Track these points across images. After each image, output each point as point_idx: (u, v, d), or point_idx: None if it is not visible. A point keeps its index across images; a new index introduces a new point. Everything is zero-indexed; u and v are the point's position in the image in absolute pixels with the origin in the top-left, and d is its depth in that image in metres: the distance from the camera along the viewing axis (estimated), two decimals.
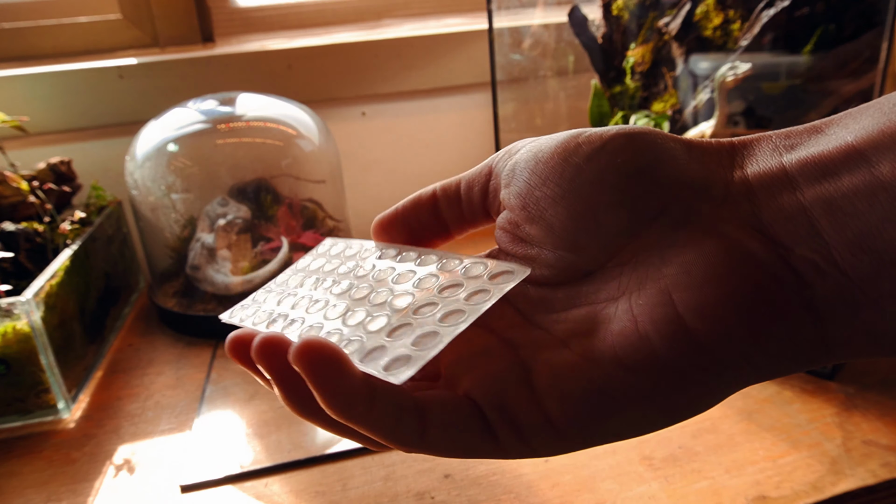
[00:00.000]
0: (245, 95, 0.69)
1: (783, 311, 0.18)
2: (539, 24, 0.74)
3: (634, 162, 0.20)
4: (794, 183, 0.18)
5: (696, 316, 0.18)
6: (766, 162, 0.19)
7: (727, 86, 0.54)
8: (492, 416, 0.19)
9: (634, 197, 0.20)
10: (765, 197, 0.19)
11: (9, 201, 0.62)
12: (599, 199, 0.20)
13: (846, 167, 0.17)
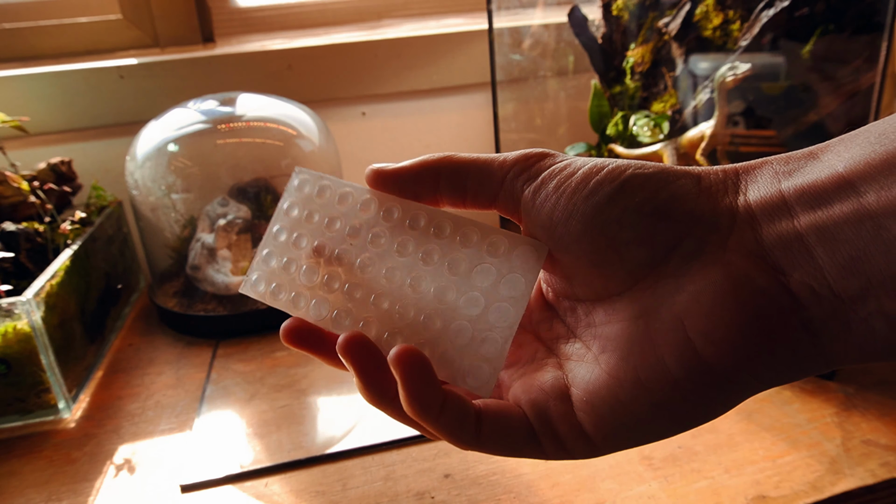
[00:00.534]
0: (245, 95, 0.69)
1: (782, 332, 0.20)
2: (539, 24, 0.74)
3: (651, 202, 0.22)
4: (792, 210, 0.20)
5: (705, 340, 0.20)
6: (767, 189, 0.21)
7: (727, 86, 0.54)
8: (537, 427, 0.23)
9: (652, 234, 0.22)
10: (766, 224, 0.21)
11: (9, 201, 0.62)
12: (622, 237, 0.22)
13: (837, 196, 0.19)
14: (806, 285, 0.20)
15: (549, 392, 0.24)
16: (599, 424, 0.22)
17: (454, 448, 0.46)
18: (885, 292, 0.19)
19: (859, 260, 0.19)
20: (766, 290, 0.20)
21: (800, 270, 0.20)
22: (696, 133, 0.58)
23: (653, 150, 0.63)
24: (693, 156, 0.58)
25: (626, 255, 0.22)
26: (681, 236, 0.21)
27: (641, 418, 0.22)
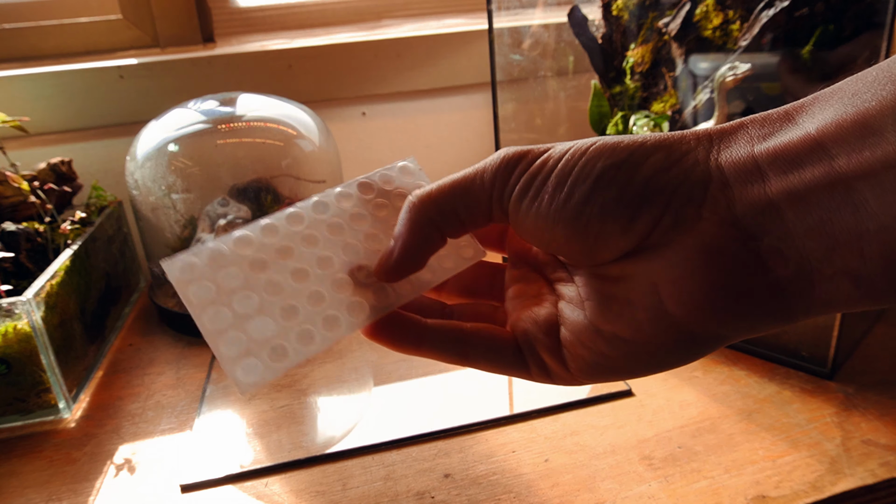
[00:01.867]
0: (245, 96, 0.69)
1: (749, 295, 0.21)
2: (539, 25, 0.74)
3: (627, 192, 0.22)
4: (764, 175, 0.21)
5: (676, 303, 0.22)
6: (740, 153, 0.21)
7: (727, 86, 0.54)
8: (525, 351, 0.27)
9: (634, 221, 0.22)
10: (738, 189, 0.21)
11: (9, 201, 0.62)
12: (606, 230, 0.23)
13: (809, 160, 0.20)
14: (775, 249, 0.20)
15: (541, 325, 0.26)
16: (580, 362, 0.25)
17: (454, 448, 0.46)
18: (850, 252, 0.19)
19: (829, 222, 0.19)
20: (735, 256, 0.21)
21: (769, 235, 0.20)
22: None
23: None
24: None
25: (612, 243, 0.23)
26: (659, 214, 0.22)
27: (616, 362, 0.24)
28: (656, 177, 0.22)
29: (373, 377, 0.56)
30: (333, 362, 0.58)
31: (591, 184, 0.23)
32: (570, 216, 0.23)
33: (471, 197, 0.25)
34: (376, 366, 0.57)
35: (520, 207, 0.24)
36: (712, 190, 0.21)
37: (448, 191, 0.26)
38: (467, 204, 0.25)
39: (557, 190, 0.23)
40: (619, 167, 0.23)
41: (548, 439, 0.46)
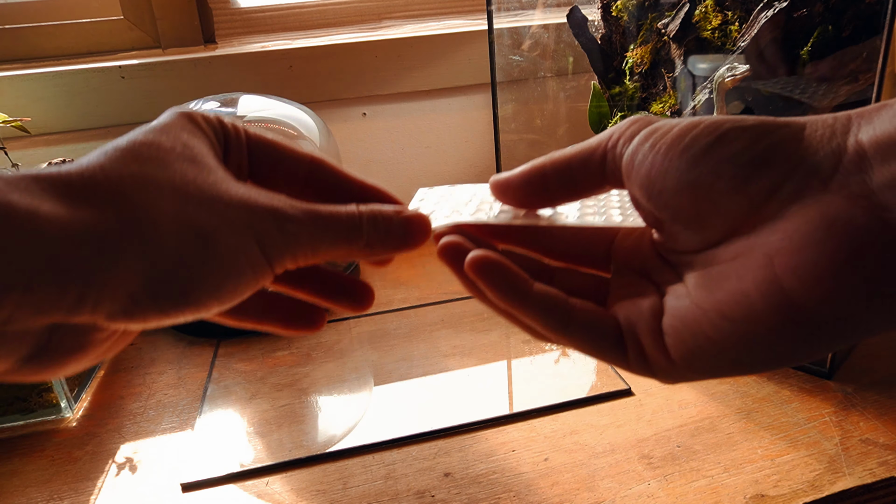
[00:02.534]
0: (246, 96, 0.69)
1: (881, 272, 0.19)
2: (539, 25, 0.74)
3: (749, 151, 0.21)
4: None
5: (793, 277, 0.20)
6: (884, 127, 0.20)
7: (726, 86, 0.54)
8: (627, 336, 0.24)
9: (749, 183, 0.21)
10: (878, 164, 0.19)
11: None
12: (718, 187, 0.21)
13: None
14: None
15: (644, 312, 0.24)
16: (682, 350, 0.23)
17: (454, 447, 0.46)
18: None
19: None
20: (865, 227, 0.19)
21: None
22: None
23: None
24: None
25: (723, 205, 0.21)
26: (779, 182, 0.21)
27: (721, 348, 0.22)
28: (784, 143, 0.21)
29: (373, 377, 0.56)
30: (334, 362, 0.58)
31: (714, 139, 0.21)
32: (685, 166, 0.22)
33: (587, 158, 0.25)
34: (376, 366, 0.57)
35: (637, 154, 0.23)
36: (845, 163, 0.20)
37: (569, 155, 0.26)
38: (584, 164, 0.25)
39: (677, 140, 0.22)
40: (747, 129, 0.21)
41: (547, 438, 0.46)
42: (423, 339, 0.61)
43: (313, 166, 0.29)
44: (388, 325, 0.64)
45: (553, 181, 0.26)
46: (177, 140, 0.24)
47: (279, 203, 0.25)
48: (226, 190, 0.24)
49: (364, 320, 0.65)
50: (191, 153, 0.24)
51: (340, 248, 0.26)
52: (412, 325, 0.63)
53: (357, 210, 0.26)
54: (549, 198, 0.27)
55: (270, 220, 0.24)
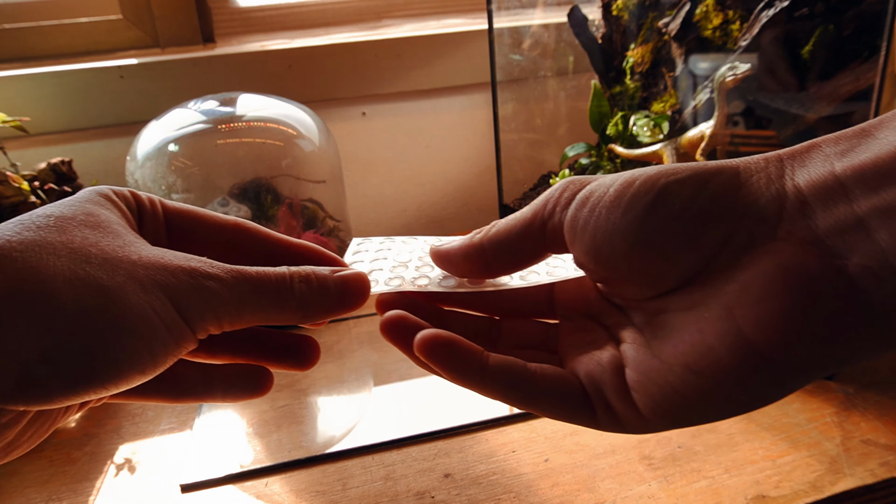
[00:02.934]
0: (245, 96, 0.69)
1: (839, 319, 0.19)
2: (539, 25, 0.74)
3: (692, 206, 0.21)
4: (849, 193, 0.19)
5: (756, 329, 0.20)
6: (818, 171, 0.20)
7: (727, 86, 0.54)
8: (593, 397, 0.24)
9: (699, 237, 0.21)
10: (820, 209, 0.20)
11: (10, 201, 0.62)
12: (669, 245, 0.21)
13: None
14: (866, 268, 0.19)
15: (606, 366, 0.24)
16: (651, 405, 0.22)
17: (454, 448, 0.46)
18: None
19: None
20: (820, 275, 0.19)
21: (859, 254, 0.19)
22: (696, 133, 0.58)
23: (653, 149, 0.63)
24: (693, 156, 0.58)
25: (676, 261, 0.22)
26: (728, 233, 0.21)
27: (693, 402, 0.22)
28: (725, 194, 0.21)
29: (373, 377, 0.56)
30: (333, 362, 0.58)
31: (654, 197, 0.21)
32: (632, 227, 0.22)
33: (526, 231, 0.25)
34: (376, 366, 0.57)
35: (577, 222, 0.23)
36: (788, 208, 0.20)
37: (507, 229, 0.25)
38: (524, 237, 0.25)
39: (616, 202, 0.22)
40: (683, 182, 0.21)
41: (548, 439, 0.46)
42: None
43: (237, 231, 0.28)
44: None
45: (492, 257, 0.26)
46: (80, 210, 0.23)
47: (196, 262, 0.23)
48: (134, 251, 0.22)
49: (364, 320, 0.65)
50: (94, 220, 0.23)
51: (271, 311, 0.24)
52: None
53: (287, 271, 0.25)
54: (490, 272, 0.26)
55: (185, 277, 0.22)
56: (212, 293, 0.22)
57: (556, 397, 0.24)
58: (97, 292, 0.20)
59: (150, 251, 0.23)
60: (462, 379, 0.24)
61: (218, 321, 0.23)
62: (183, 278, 0.22)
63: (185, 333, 0.22)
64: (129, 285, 0.21)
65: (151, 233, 0.26)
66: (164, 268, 0.22)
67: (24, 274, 0.19)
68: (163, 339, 0.21)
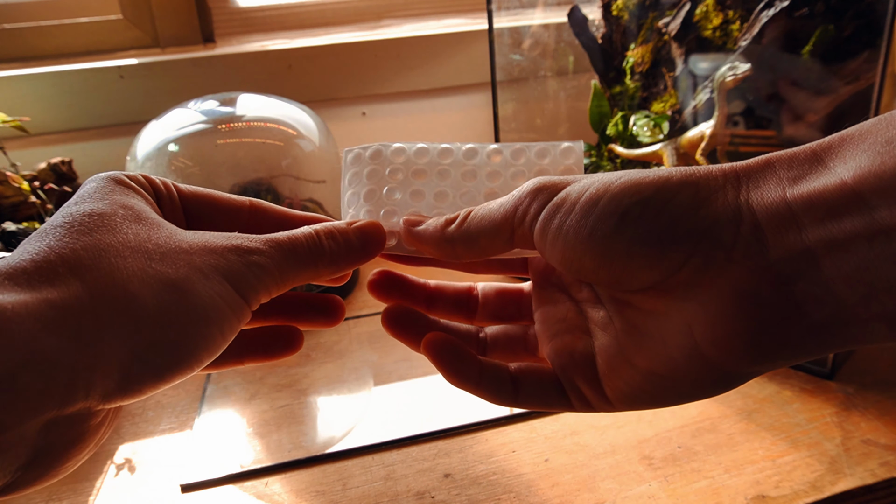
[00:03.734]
0: (245, 96, 0.69)
1: (785, 337, 0.21)
2: (539, 25, 0.74)
3: (654, 230, 0.22)
4: (799, 222, 0.21)
5: (710, 345, 0.22)
6: (771, 196, 0.21)
7: (727, 86, 0.54)
8: (566, 386, 0.27)
9: (661, 260, 0.22)
10: (772, 235, 0.21)
11: (10, 201, 0.62)
12: (633, 265, 0.23)
13: (847, 209, 0.20)
14: (810, 293, 0.20)
15: (578, 359, 0.27)
16: (618, 394, 0.26)
17: (454, 448, 0.46)
18: (888, 297, 0.19)
19: (867, 270, 0.19)
20: (769, 302, 0.21)
21: (805, 280, 0.20)
22: (696, 133, 0.58)
23: (653, 149, 0.63)
24: (693, 156, 0.58)
25: (640, 276, 0.23)
26: (688, 255, 0.22)
27: (652, 394, 0.25)
28: (685, 216, 0.22)
29: (373, 377, 0.56)
30: (333, 362, 0.58)
31: (617, 219, 0.23)
32: (597, 249, 0.23)
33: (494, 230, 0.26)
34: (376, 366, 0.57)
35: (546, 235, 0.24)
36: (743, 232, 0.21)
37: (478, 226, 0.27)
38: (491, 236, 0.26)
39: (583, 222, 0.23)
40: (646, 204, 0.23)
41: (548, 439, 0.46)
42: None
43: (254, 212, 0.29)
44: None
45: (462, 251, 0.27)
46: (115, 203, 0.24)
47: (237, 240, 0.25)
48: (181, 240, 0.24)
49: (364, 320, 0.65)
50: (134, 213, 0.24)
51: (307, 270, 0.26)
52: None
53: (313, 230, 0.27)
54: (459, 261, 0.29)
55: (233, 256, 0.24)
56: (259, 266, 0.24)
57: (539, 394, 0.28)
58: (169, 287, 0.22)
59: (194, 237, 0.24)
60: (460, 381, 0.27)
61: (267, 291, 0.25)
62: (232, 258, 0.24)
63: (244, 309, 0.24)
64: (192, 276, 0.23)
65: (171, 217, 0.27)
66: (214, 251, 0.24)
67: (103, 281, 0.21)
68: (229, 320, 0.23)
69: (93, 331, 0.20)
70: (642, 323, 0.24)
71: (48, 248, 0.21)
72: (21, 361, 0.18)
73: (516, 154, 0.31)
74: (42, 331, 0.19)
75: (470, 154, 0.31)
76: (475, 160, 0.31)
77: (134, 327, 0.21)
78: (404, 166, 0.31)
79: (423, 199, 0.30)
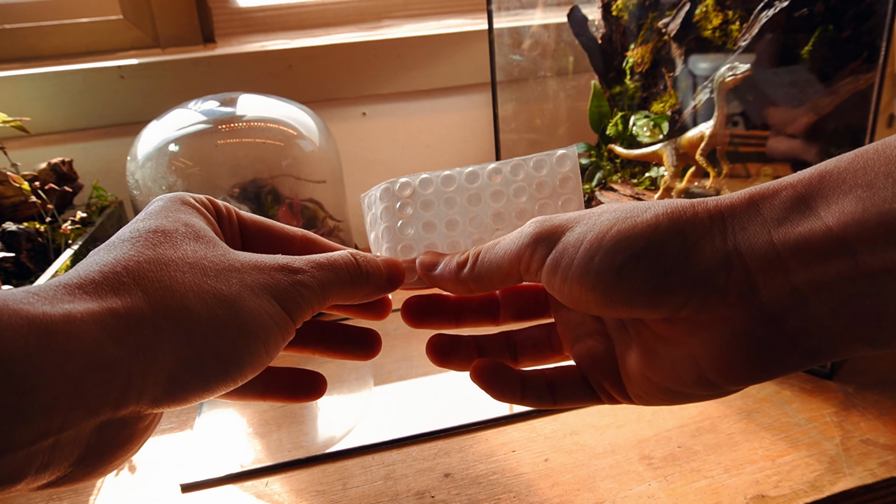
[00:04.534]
0: (246, 96, 0.69)
1: (779, 364, 0.24)
2: (539, 25, 0.74)
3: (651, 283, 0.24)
4: (787, 266, 0.22)
5: (715, 374, 0.25)
6: (759, 240, 0.23)
7: (726, 86, 0.54)
8: (595, 387, 0.31)
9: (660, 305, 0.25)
10: (761, 279, 0.23)
11: (10, 201, 0.62)
12: (633, 311, 0.25)
13: (832, 254, 0.22)
14: (800, 328, 0.23)
15: (601, 364, 0.30)
16: (636, 393, 0.29)
17: (454, 448, 0.46)
18: (868, 325, 0.22)
19: (851, 304, 0.22)
20: (764, 338, 0.23)
21: (794, 318, 0.23)
22: (696, 133, 0.58)
23: (652, 150, 0.63)
24: (693, 156, 0.59)
25: (644, 316, 0.26)
26: (685, 300, 0.24)
27: (667, 398, 0.28)
28: (676, 266, 0.24)
29: (373, 377, 0.56)
30: (333, 362, 0.58)
31: (614, 276, 0.25)
32: (601, 299, 0.25)
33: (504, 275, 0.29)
34: (376, 366, 0.57)
35: (552, 285, 0.27)
36: (734, 277, 0.23)
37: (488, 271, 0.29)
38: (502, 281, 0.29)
39: (584, 277, 0.25)
40: (639, 258, 0.24)
41: (548, 439, 0.46)
42: (423, 339, 0.60)
43: (305, 242, 0.32)
44: (388, 326, 0.64)
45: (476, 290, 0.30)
46: (178, 221, 0.26)
47: (284, 260, 0.27)
48: (235, 259, 0.26)
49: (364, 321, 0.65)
50: (193, 231, 0.26)
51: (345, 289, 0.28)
52: None
53: (350, 253, 0.29)
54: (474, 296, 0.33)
55: (280, 275, 0.26)
56: (303, 284, 0.26)
57: (573, 397, 0.31)
58: (222, 303, 0.24)
59: (246, 256, 0.26)
60: (505, 399, 0.31)
61: (311, 307, 0.27)
62: (279, 276, 0.26)
63: (290, 326, 0.26)
64: (244, 293, 0.25)
65: (229, 239, 0.29)
66: (263, 270, 0.26)
67: (162, 293, 0.22)
68: (275, 336, 0.25)
69: (150, 339, 0.21)
70: (654, 346, 0.27)
71: (115, 261, 0.23)
72: (85, 366, 0.20)
73: (515, 170, 0.33)
74: (106, 339, 0.20)
75: (472, 178, 0.33)
76: (477, 183, 0.33)
77: (187, 338, 0.22)
78: (412, 199, 0.32)
79: (436, 230, 0.32)
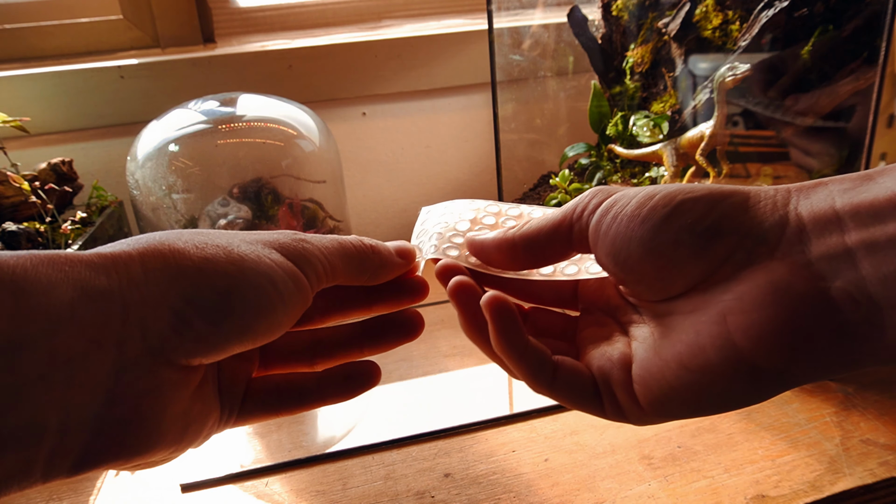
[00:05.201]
0: (246, 96, 0.69)
1: (816, 334, 0.22)
2: (539, 25, 0.74)
3: (703, 221, 0.24)
4: (844, 226, 0.22)
5: (743, 335, 0.23)
6: (820, 205, 0.23)
7: (726, 86, 0.54)
8: (602, 389, 0.27)
9: (706, 250, 0.24)
10: (815, 237, 0.22)
11: (10, 201, 0.62)
12: (679, 254, 0.24)
13: (891, 216, 0.21)
14: (846, 292, 0.21)
15: (615, 363, 0.27)
16: (649, 397, 0.25)
17: (454, 448, 0.46)
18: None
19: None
20: (805, 295, 0.22)
21: (842, 279, 0.21)
22: (696, 133, 0.58)
23: (652, 150, 0.63)
24: (693, 156, 0.59)
25: (684, 270, 0.24)
26: (732, 249, 0.23)
27: (684, 397, 0.24)
28: (733, 214, 0.24)
29: None
30: None
31: (670, 210, 0.24)
32: (647, 236, 0.24)
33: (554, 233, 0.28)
34: None
35: (600, 226, 0.26)
36: (788, 234, 0.23)
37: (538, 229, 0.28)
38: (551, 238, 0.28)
39: (636, 211, 0.25)
40: (698, 201, 0.24)
41: (548, 439, 0.46)
42: (422, 339, 0.61)
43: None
44: None
45: (521, 251, 0.29)
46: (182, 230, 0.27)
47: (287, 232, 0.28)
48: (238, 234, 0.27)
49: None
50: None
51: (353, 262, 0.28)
52: None
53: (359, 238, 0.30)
54: (517, 265, 0.30)
55: (286, 240, 0.27)
56: (309, 251, 0.27)
57: (573, 387, 0.27)
58: (217, 248, 0.24)
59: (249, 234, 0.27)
60: (508, 346, 0.26)
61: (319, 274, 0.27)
62: (285, 241, 0.27)
63: (302, 279, 0.26)
64: (242, 245, 0.25)
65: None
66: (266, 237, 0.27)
67: (154, 244, 0.24)
68: (283, 281, 0.25)
69: (139, 274, 0.22)
70: (678, 323, 0.25)
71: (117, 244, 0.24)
72: (77, 296, 0.21)
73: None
74: (93, 273, 0.22)
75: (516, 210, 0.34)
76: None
77: (179, 271, 0.23)
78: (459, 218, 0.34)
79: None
